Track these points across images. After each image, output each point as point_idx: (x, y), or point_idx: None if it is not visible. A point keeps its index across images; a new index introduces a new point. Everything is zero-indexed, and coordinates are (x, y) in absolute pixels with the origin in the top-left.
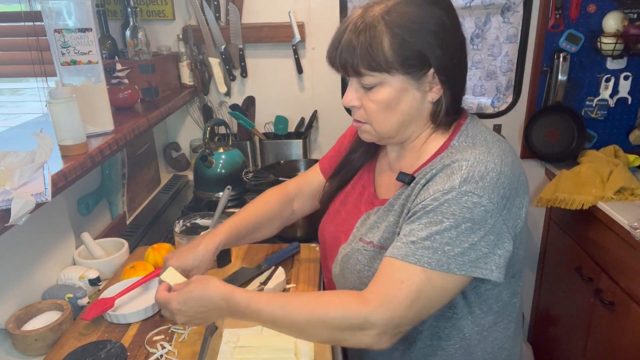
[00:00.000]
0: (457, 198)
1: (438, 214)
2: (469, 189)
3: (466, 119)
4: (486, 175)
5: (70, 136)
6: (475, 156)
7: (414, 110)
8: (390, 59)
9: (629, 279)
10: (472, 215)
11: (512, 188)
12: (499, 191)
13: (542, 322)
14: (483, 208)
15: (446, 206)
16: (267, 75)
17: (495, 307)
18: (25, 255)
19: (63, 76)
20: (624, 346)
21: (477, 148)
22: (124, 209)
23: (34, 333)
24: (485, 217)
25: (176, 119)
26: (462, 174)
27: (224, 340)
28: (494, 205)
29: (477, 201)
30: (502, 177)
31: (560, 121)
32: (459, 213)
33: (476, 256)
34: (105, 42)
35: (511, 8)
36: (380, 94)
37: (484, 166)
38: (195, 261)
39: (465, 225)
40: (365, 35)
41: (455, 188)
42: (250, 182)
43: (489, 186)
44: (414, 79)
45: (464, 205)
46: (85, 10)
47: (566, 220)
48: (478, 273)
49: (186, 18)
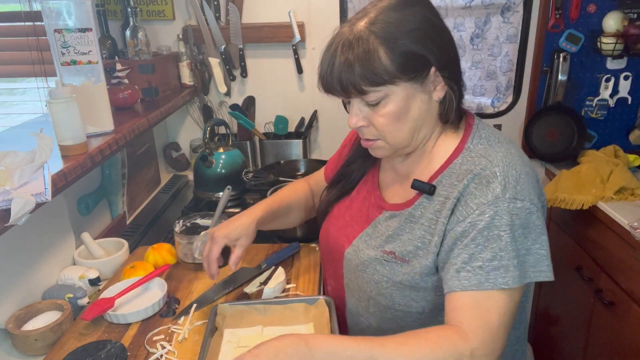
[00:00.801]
0: (504, 207)
1: (493, 229)
2: (512, 195)
3: (474, 118)
4: (519, 178)
5: (70, 136)
6: (502, 160)
7: (423, 113)
8: (390, 69)
9: (629, 279)
10: (521, 220)
11: (537, 185)
12: (533, 190)
13: (542, 322)
14: (528, 211)
15: (498, 219)
16: (267, 75)
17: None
18: (25, 255)
19: (63, 76)
20: (624, 346)
21: (497, 150)
22: (124, 209)
23: (34, 333)
24: (532, 219)
25: (176, 119)
26: (499, 182)
27: (225, 340)
28: (535, 205)
29: (521, 205)
30: (530, 176)
31: (560, 121)
32: (510, 222)
33: (535, 260)
34: (105, 42)
35: (511, 8)
36: (388, 107)
37: (514, 169)
38: (242, 230)
39: (518, 232)
40: (359, 51)
41: (499, 197)
42: (250, 182)
43: (526, 188)
44: (418, 83)
45: (513, 213)
46: (85, 10)
47: (566, 220)
48: (542, 277)
49: (186, 18)
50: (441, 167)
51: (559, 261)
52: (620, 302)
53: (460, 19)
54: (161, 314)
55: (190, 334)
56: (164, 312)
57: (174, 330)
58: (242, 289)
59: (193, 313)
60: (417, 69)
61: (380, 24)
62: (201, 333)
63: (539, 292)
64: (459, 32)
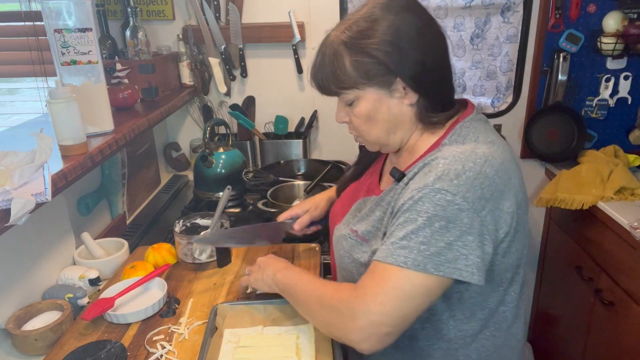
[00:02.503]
0: (429, 195)
1: (413, 212)
2: (442, 186)
3: (467, 116)
4: (462, 174)
5: (70, 136)
6: (455, 154)
7: (395, 116)
8: (353, 75)
9: (629, 279)
10: (445, 213)
11: (496, 190)
12: (476, 191)
13: (542, 322)
14: (457, 206)
15: (420, 204)
16: (267, 75)
17: (480, 315)
18: (25, 255)
19: (63, 76)
20: (624, 346)
21: (462, 147)
22: (124, 209)
23: (34, 333)
24: (460, 216)
25: (176, 119)
26: (437, 172)
27: (225, 340)
28: (470, 204)
29: (451, 199)
30: (481, 177)
31: (560, 121)
32: (432, 211)
33: (454, 257)
34: (105, 42)
35: (511, 8)
36: (359, 108)
37: (462, 165)
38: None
39: (439, 224)
40: (329, 58)
41: (428, 185)
42: (250, 182)
43: (464, 185)
44: (384, 89)
45: (437, 202)
46: (85, 10)
47: (566, 220)
48: (457, 275)
49: (186, 18)
50: (415, 161)
51: (559, 261)
52: (620, 302)
53: (460, 19)
54: (161, 314)
55: (190, 334)
56: (164, 312)
57: (174, 330)
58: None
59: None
60: (380, 77)
61: (349, 33)
62: (201, 333)
63: (539, 292)
64: (459, 32)
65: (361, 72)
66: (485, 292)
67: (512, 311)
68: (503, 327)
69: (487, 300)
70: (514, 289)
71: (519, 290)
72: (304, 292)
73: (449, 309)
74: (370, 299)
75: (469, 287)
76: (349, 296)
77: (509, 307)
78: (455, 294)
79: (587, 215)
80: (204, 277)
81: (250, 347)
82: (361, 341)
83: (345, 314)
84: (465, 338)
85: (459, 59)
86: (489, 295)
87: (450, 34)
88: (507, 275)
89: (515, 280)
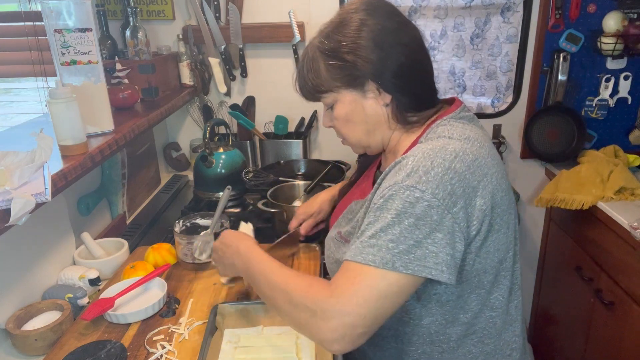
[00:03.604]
0: (399, 193)
1: (383, 210)
2: (410, 183)
3: (447, 115)
4: (431, 170)
5: (70, 136)
6: (424, 152)
7: (371, 117)
8: (329, 80)
9: (629, 279)
10: (414, 210)
11: (468, 186)
12: (446, 187)
13: (542, 322)
14: (426, 203)
15: (390, 202)
16: (267, 75)
17: (463, 318)
18: (25, 255)
19: (63, 76)
20: (624, 346)
21: (432, 143)
22: (124, 209)
23: (34, 333)
24: (429, 213)
25: (176, 119)
26: (406, 170)
27: (225, 340)
28: (439, 201)
29: (419, 196)
30: (451, 173)
31: (560, 121)
32: (400, 208)
33: (423, 254)
34: (105, 42)
35: (511, 8)
36: (337, 111)
37: (430, 161)
38: (320, 206)
39: (409, 221)
40: (307, 64)
41: (397, 183)
42: (250, 182)
43: (433, 181)
44: (358, 90)
45: (405, 200)
46: (85, 10)
47: (566, 220)
48: (426, 273)
49: (186, 18)
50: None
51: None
52: (620, 302)
53: (460, 19)
54: (161, 314)
55: (190, 334)
56: (164, 312)
57: (174, 330)
58: None
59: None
60: (352, 80)
61: (322, 38)
62: (201, 333)
63: (539, 292)
64: (459, 32)
65: (335, 76)
66: (464, 294)
67: (502, 317)
68: (492, 333)
69: (468, 304)
70: (501, 294)
71: (507, 295)
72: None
73: (430, 312)
74: (346, 300)
75: (447, 289)
76: (323, 296)
77: (497, 313)
78: (433, 296)
79: (587, 215)
80: (204, 277)
81: (250, 347)
82: (334, 342)
83: (318, 314)
84: (449, 342)
85: (459, 59)
86: (468, 297)
87: (450, 34)
88: (487, 277)
89: (501, 283)
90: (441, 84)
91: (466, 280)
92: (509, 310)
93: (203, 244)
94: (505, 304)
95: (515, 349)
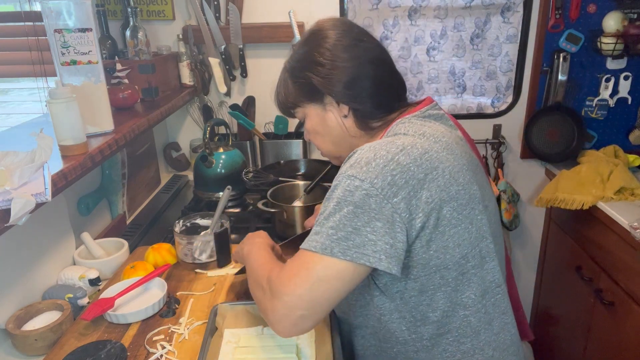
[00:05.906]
0: (341, 182)
1: (328, 200)
2: (352, 173)
3: (408, 115)
4: (372, 161)
5: (70, 136)
6: (371, 145)
7: (334, 129)
8: (294, 95)
9: (629, 279)
10: (353, 198)
11: (412, 178)
12: (386, 177)
13: (542, 322)
14: (364, 192)
15: (334, 192)
16: (267, 75)
17: (433, 317)
18: (25, 255)
19: (63, 76)
20: (624, 346)
21: (383, 139)
22: (124, 209)
23: (34, 333)
24: (368, 202)
25: (176, 119)
26: (351, 161)
27: (225, 340)
28: (377, 190)
29: (358, 184)
30: (393, 164)
31: (560, 121)
32: (341, 196)
33: (361, 242)
34: (105, 42)
35: (511, 8)
36: (307, 124)
37: (374, 153)
38: None
39: (348, 209)
40: (280, 83)
41: (342, 173)
42: (250, 182)
43: (373, 171)
44: (318, 104)
45: (346, 188)
46: (85, 10)
47: (566, 220)
48: (364, 260)
49: (186, 18)
50: None
51: (559, 261)
52: (620, 302)
53: (460, 19)
54: (161, 314)
55: (190, 334)
56: (164, 312)
57: (174, 330)
58: None
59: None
60: (312, 95)
61: (290, 57)
62: (201, 333)
63: (539, 292)
64: (459, 32)
65: (299, 92)
66: (428, 291)
67: (477, 316)
68: (467, 332)
69: (435, 302)
70: (473, 292)
71: (481, 294)
72: (251, 269)
73: (397, 309)
74: (287, 280)
75: (407, 285)
76: (273, 277)
77: (471, 312)
78: (396, 293)
79: (587, 215)
80: (204, 277)
81: (250, 347)
82: (276, 322)
83: (267, 294)
84: (422, 341)
85: (459, 59)
86: (434, 295)
87: (450, 34)
88: (450, 274)
89: (471, 281)
90: (441, 84)
91: (425, 275)
92: (487, 310)
93: (203, 244)
94: (479, 303)
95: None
